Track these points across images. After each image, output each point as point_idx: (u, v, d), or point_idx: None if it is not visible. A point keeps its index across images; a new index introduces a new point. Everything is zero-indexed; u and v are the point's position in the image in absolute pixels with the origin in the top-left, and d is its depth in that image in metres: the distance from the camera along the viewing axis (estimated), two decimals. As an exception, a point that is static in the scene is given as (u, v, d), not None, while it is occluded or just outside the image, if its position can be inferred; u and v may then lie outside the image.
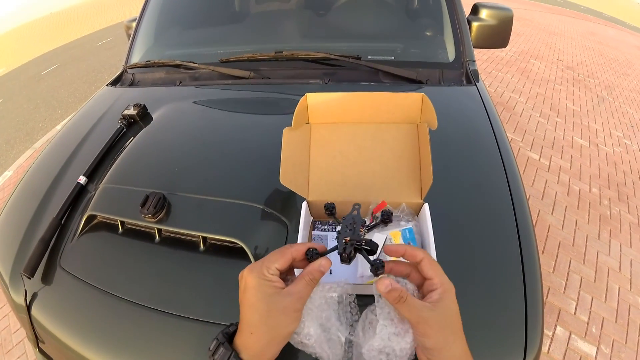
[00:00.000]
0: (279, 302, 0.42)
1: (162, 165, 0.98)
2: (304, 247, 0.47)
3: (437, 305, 0.42)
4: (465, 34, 1.33)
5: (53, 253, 0.85)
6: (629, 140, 3.54)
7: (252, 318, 0.43)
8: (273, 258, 0.45)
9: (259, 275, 0.43)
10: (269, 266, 0.44)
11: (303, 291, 0.44)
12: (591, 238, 2.32)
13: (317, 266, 0.45)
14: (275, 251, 0.47)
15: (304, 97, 0.64)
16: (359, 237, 0.48)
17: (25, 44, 11.92)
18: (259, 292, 0.43)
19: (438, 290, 0.43)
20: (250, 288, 0.43)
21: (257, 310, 0.42)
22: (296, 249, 0.47)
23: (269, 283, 0.43)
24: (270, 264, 0.44)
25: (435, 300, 0.43)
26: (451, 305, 0.43)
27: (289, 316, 0.43)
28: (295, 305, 0.43)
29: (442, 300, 0.43)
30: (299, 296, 0.43)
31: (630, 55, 6.70)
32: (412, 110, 0.64)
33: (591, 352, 1.72)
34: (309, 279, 0.44)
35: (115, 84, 1.47)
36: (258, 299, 0.43)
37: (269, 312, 0.42)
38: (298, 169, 0.65)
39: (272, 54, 1.27)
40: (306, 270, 0.45)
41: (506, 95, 3.89)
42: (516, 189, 0.84)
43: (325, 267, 0.45)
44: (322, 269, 0.45)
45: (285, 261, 0.45)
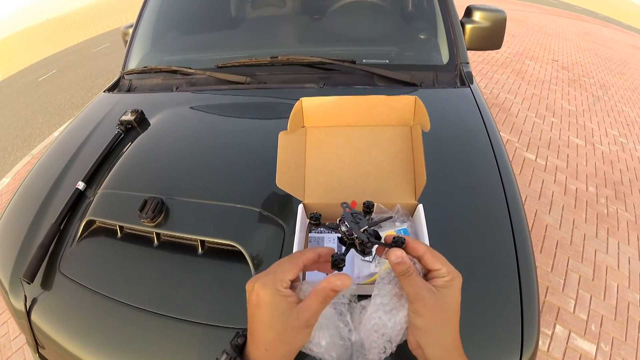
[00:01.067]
0: (295, 319, 0.41)
1: (160, 170, 0.99)
2: (315, 254, 0.46)
3: (439, 290, 0.42)
4: (459, 36, 1.34)
5: (52, 258, 0.85)
6: (625, 138, 3.56)
7: (268, 335, 0.42)
8: (285, 269, 0.44)
9: (274, 292, 0.42)
10: (282, 279, 0.43)
11: (316, 308, 0.42)
12: (589, 237, 2.33)
13: (333, 285, 0.42)
14: (286, 260, 0.45)
15: (299, 101, 0.65)
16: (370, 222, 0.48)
17: (22, 50, 11.92)
18: (275, 310, 0.41)
19: (445, 278, 0.43)
20: (264, 305, 0.42)
21: (273, 327, 0.41)
22: (307, 257, 0.46)
23: (284, 299, 0.42)
24: (283, 276, 0.43)
25: (438, 286, 0.43)
26: (453, 294, 0.43)
27: (304, 332, 0.42)
28: (309, 322, 0.42)
29: (445, 288, 0.43)
30: (312, 312, 0.42)
31: (625, 54, 6.74)
32: (405, 112, 0.65)
33: (591, 350, 1.73)
34: (322, 297, 0.42)
35: (113, 90, 1.48)
36: (274, 316, 0.41)
37: (285, 329, 0.41)
38: (294, 172, 0.66)
39: (267, 59, 1.28)
40: (320, 287, 0.42)
41: (502, 97, 3.91)
42: (510, 189, 0.85)
43: (340, 287, 0.42)
44: (337, 288, 0.42)
45: (298, 271, 0.44)
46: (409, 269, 0.43)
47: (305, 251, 0.47)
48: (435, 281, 0.43)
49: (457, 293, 0.44)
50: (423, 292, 0.42)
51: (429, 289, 0.43)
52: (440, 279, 0.43)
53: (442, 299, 0.42)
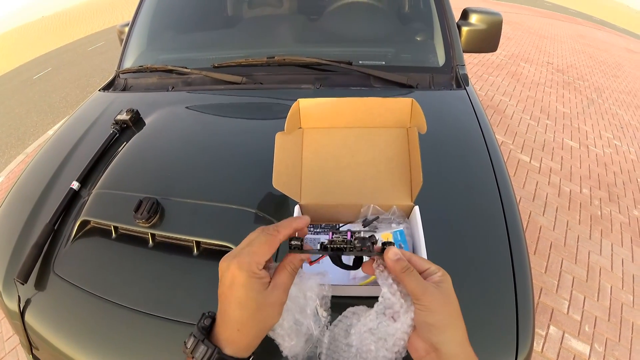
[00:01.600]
0: (268, 297, 0.41)
1: (155, 171, 0.98)
2: (290, 230, 0.45)
3: (439, 285, 0.42)
4: (455, 38, 1.35)
5: (46, 259, 0.85)
6: (619, 141, 3.59)
7: (241, 315, 0.41)
8: (261, 251, 0.42)
9: (250, 274, 0.41)
10: (259, 261, 0.42)
11: (287, 282, 0.43)
12: (582, 238, 2.35)
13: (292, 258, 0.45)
14: (262, 240, 0.43)
15: (296, 102, 0.65)
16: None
17: (17, 48, 11.83)
18: (249, 290, 0.40)
19: (438, 274, 0.43)
20: (239, 285, 0.41)
21: (246, 307, 0.41)
22: (284, 234, 0.45)
23: (259, 280, 0.41)
24: (260, 258, 0.42)
25: (436, 281, 0.42)
26: (451, 288, 0.43)
27: (276, 309, 0.42)
28: (282, 299, 0.43)
29: (443, 282, 0.42)
30: (284, 288, 0.43)
31: (620, 57, 6.80)
32: (402, 114, 0.65)
33: (585, 351, 1.74)
34: (290, 269, 0.44)
35: (108, 89, 1.47)
36: (248, 297, 0.40)
37: (258, 308, 0.41)
38: (290, 172, 0.66)
39: (264, 59, 1.28)
40: (287, 260, 0.44)
41: (497, 99, 3.93)
42: (506, 191, 0.85)
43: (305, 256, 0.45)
44: (302, 255, 0.45)
45: (273, 250, 0.43)
46: (408, 266, 0.42)
47: (281, 228, 0.45)
48: (431, 278, 0.43)
49: (452, 289, 0.43)
50: (429, 287, 0.41)
51: (433, 283, 0.42)
52: (435, 276, 0.43)
53: (445, 292, 0.42)
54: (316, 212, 0.68)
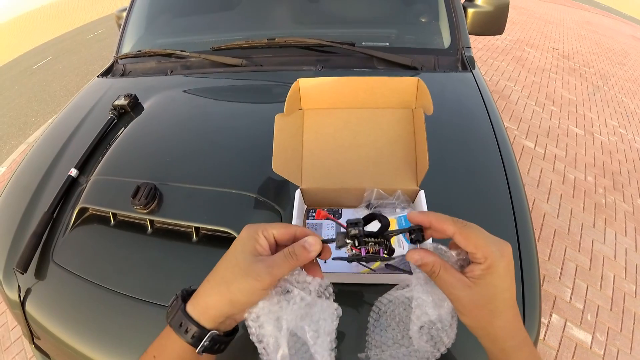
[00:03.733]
0: (248, 263, 0.38)
1: (153, 156, 0.97)
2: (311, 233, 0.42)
3: (476, 283, 0.37)
4: (461, 20, 1.32)
5: (46, 247, 0.84)
6: (624, 129, 3.54)
7: (217, 267, 0.40)
8: (275, 225, 0.41)
9: (250, 232, 0.40)
10: (266, 228, 0.40)
11: (278, 263, 0.38)
12: (586, 226, 2.33)
13: (302, 242, 0.39)
14: (280, 223, 0.43)
15: (297, 82, 0.63)
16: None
17: (16, 37, 11.73)
18: (239, 245, 0.39)
19: (481, 266, 0.37)
20: (237, 241, 0.40)
21: (225, 261, 0.39)
22: (302, 230, 0.42)
23: (253, 242, 0.39)
24: (269, 227, 0.40)
25: (475, 277, 0.37)
26: (495, 282, 0.37)
27: (249, 283, 0.37)
28: (260, 275, 0.37)
29: (483, 277, 0.37)
30: (269, 265, 0.37)
31: (626, 44, 6.68)
32: (407, 94, 0.63)
33: (586, 340, 1.73)
34: (287, 252, 0.39)
35: (106, 74, 1.45)
36: (235, 251, 0.39)
37: (234, 267, 0.38)
38: (291, 156, 0.64)
39: (264, 41, 1.25)
40: (293, 246, 0.39)
41: (501, 84, 3.88)
42: (513, 175, 0.83)
43: (312, 244, 0.39)
44: (307, 245, 0.39)
45: (286, 232, 0.41)
46: (433, 270, 0.38)
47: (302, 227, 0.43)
48: (471, 270, 0.37)
49: (501, 279, 0.37)
50: (456, 291, 0.37)
51: (463, 285, 0.37)
52: (476, 267, 0.37)
53: (481, 292, 0.37)
54: (318, 197, 0.66)
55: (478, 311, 0.37)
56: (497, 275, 0.37)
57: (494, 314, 0.37)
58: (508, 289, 0.38)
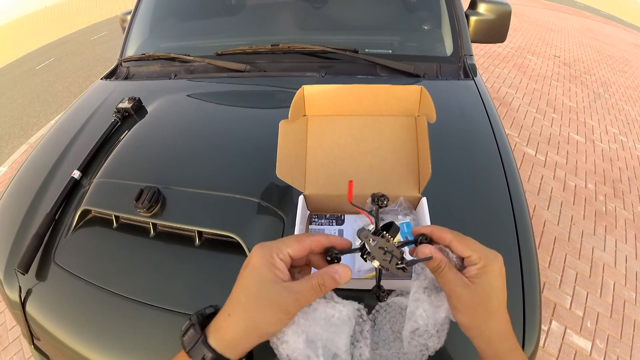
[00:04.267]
0: (273, 293, 0.36)
1: (156, 159, 0.97)
2: (326, 239, 0.42)
3: (473, 282, 0.40)
4: (463, 28, 1.32)
5: (47, 248, 0.84)
6: (625, 137, 3.55)
7: (237, 299, 0.38)
8: (288, 242, 0.40)
9: (265, 256, 0.38)
10: (280, 248, 0.39)
11: (305, 294, 0.37)
12: (587, 234, 2.33)
13: (333, 272, 0.39)
14: (292, 236, 0.41)
15: (301, 88, 0.63)
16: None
17: (20, 38, 11.77)
18: (256, 274, 0.37)
19: (477, 265, 0.40)
20: (250, 266, 0.38)
21: (245, 291, 0.37)
22: (316, 239, 0.41)
23: (272, 268, 0.38)
24: (283, 246, 0.39)
25: (472, 276, 0.40)
26: (490, 283, 0.40)
27: (276, 315, 0.36)
28: (288, 306, 0.37)
29: (480, 276, 0.40)
30: (297, 297, 0.37)
31: (627, 52, 6.70)
32: (410, 102, 0.63)
33: (586, 347, 1.73)
34: (317, 284, 0.38)
35: (110, 77, 1.46)
36: (253, 280, 0.37)
37: (257, 299, 0.36)
38: (294, 162, 0.64)
39: (268, 47, 1.26)
40: (320, 272, 0.39)
41: (503, 91, 3.89)
42: (514, 183, 0.84)
43: (342, 277, 0.39)
44: (338, 277, 0.39)
45: (301, 249, 0.40)
46: (440, 264, 0.41)
47: (316, 235, 0.42)
48: (468, 271, 0.41)
49: (495, 279, 0.40)
50: (457, 287, 0.40)
51: (463, 283, 0.40)
52: (473, 268, 0.40)
53: (478, 291, 0.39)
54: (320, 203, 0.66)
55: (475, 309, 0.40)
56: (492, 274, 0.40)
57: (489, 312, 0.40)
58: (502, 290, 0.41)
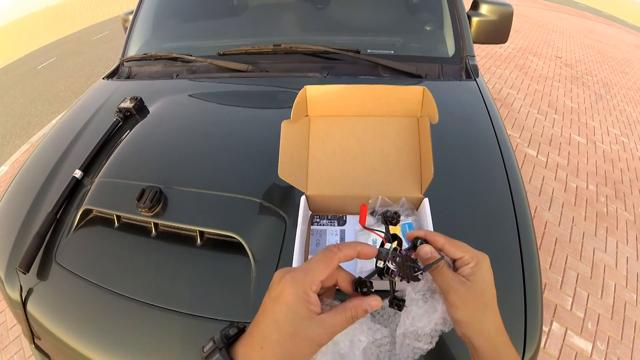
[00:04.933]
0: (308, 330, 0.37)
1: (158, 159, 0.97)
2: (353, 251, 0.41)
3: (469, 279, 0.43)
4: (465, 28, 1.32)
5: (48, 248, 0.84)
6: (627, 138, 3.55)
7: (271, 334, 0.37)
8: (317, 269, 0.39)
9: (300, 293, 0.37)
10: (313, 281, 0.38)
11: (339, 327, 0.38)
12: (588, 235, 2.32)
13: (365, 305, 0.39)
14: (320, 257, 0.40)
15: (303, 89, 0.63)
16: None
17: (22, 37, 11.80)
18: (291, 311, 0.37)
19: (470, 264, 0.44)
20: (284, 302, 0.37)
21: (280, 328, 0.37)
22: (345, 253, 0.40)
23: (307, 305, 0.37)
24: (315, 277, 0.38)
25: (467, 274, 0.43)
26: (484, 277, 0.44)
27: (311, 348, 0.37)
28: (322, 339, 0.37)
29: (474, 274, 0.43)
30: (331, 330, 0.38)
31: (629, 53, 6.70)
32: (412, 103, 0.63)
33: (587, 348, 1.73)
34: (350, 316, 0.38)
35: (112, 77, 1.46)
36: (287, 317, 0.37)
37: (292, 336, 0.37)
38: (297, 162, 0.64)
39: (270, 47, 1.26)
40: (351, 305, 0.39)
41: (504, 92, 3.89)
42: (515, 184, 0.84)
43: (374, 308, 0.40)
44: (370, 309, 0.39)
45: (331, 270, 0.40)
46: (439, 264, 0.44)
47: (342, 246, 0.41)
48: (462, 270, 0.44)
49: (487, 275, 0.44)
50: (455, 284, 0.43)
51: (459, 279, 0.43)
52: (466, 267, 0.44)
53: (474, 286, 0.43)
54: (323, 203, 0.66)
55: (473, 303, 0.43)
56: (484, 270, 0.44)
57: (487, 306, 0.43)
58: (492, 285, 0.44)
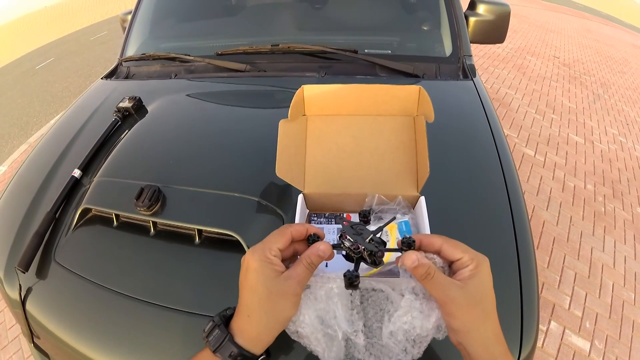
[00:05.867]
0: (279, 285, 0.41)
1: (157, 158, 0.97)
2: (303, 227, 0.47)
3: (467, 283, 0.40)
4: (462, 28, 1.33)
5: (47, 247, 0.84)
6: (624, 137, 3.56)
7: (252, 301, 0.42)
8: (273, 239, 0.44)
9: (261, 258, 0.42)
10: (270, 247, 0.43)
11: (302, 275, 0.42)
12: (585, 234, 2.33)
13: (316, 250, 0.44)
14: (274, 231, 0.46)
15: (301, 88, 0.64)
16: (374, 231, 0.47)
17: (20, 38, 11.78)
18: (260, 275, 0.41)
19: (470, 266, 0.41)
20: (252, 270, 0.42)
21: (256, 293, 0.41)
22: (295, 228, 0.46)
23: (270, 266, 0.42)
24: (271, 244, 0.43)
25: (466, 278, 0.40)
26: (483, 283, 0.41)
27: (289, 300, 0.42)
28: (294, 289, 0.42)
29: (473, 277, 0.40)
30: (298, 280, 0.42)
31: (626, 53, 6.72)
32: (409, 102, 0.63)
33: (585, 347, 1.73)
34: (307, 263, 0.43)
35: (110, 77, 1.46)
36: (259, 281, 0.41)
37: (268, 295, 0.41)
38: (294, 161, 0.64)
39: (268, 47, 1.26)
40: (305, 254, 0.44)
41: (502, 92, 3.90)
42: (512, 183, 0.84)
43: (324, 252, 0.44)
44: (321, 253, 0.44)
45: (285, 240, 0.45)
46: (429, 271, 0.40)
47: (294, 224, 0.47)
48: (460, 273, 0.41)
49: (487, 279, 0.41)
50: (451, 292, 0.39)
51: (457, 286, 0.40)
52: (465, 270, 0.41)
53: (473, 292, 0.40)
54: (320, 202, 0.67)
55: (471, 311, 0.40)
56: (484, 273, 0.41)
57: (486, 313, 0.40)
58: (492, 290, 0.42)
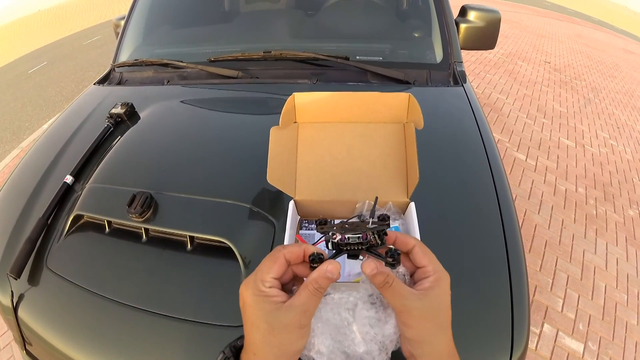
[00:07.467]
0: (281, 318, 0.38)
1: (149, 165, 0.97)
2: (299, 248, 0.42)
3: (425, 294, 0.39)
4: (453, 35, 1.35)
5: (39, 253, 0.84)
6: (615, 141, 3.61)
7: (254, 337, 0.39)
8: (266, 268, 0.40)
9: (254, 292, 0.39)
10: (263, 279, 0.39)
11: (308, 303, 0.39)
12: (577, 237, 2.36)
13: (323, 272, 0.39)
14: (266, 258, 0.41)
15: (292, 96, 0.64)
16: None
17: (12, 42, 11.70)
18: (257, 310, 0.38)
19: (430, 278, 0.40)
20: (248, 305, 0.39)
21: (258, 329, 0.38)
22: (289, 250, 0.41)
23: (266, 299, 0.38)
24: (264, 275, 0.39)
25: (425, 289, 0.39)
26: (442, 296, 0.40)
27: (294, 333, 0.38)
28: (300, 321, 0.38)
29: (432, 289, 0.39)
30: (303, 309, 0.38)
31: (617, 57, 6.82)
32: (399, 110, 0.64)
33: (578, 349, 1.75)
34: (313, 289, 0.39)
35: (103, 82, 1.46)
36: (257, 317, 0.38)
37: (271, 331, 0.38)
38: (285, 168, 0.65)
39: (260, 54, 1.27)
40: (311, 278, 0.39)
41: (493, 97, 3.94)
42: (502, 188, 0.85)
43: (332, 272, 0.39)
44: (329, 274, 0.39)
45: (280, 267, 0.40)
46: (387, 280, 0.39)
47: (287, 246, 0.42)
48: (421, 283, 0.40)
49: (446, 294, 0.40)
50: (408, 302, 0.38)
51: (415, 297, 0.39)
52: (426, 280, 0.40)
53: (430, 303, 0.39)
54: (311, 208, 0.67)
55: (426, 323, 0.39)
56: (443, 288, 0.40)
57: (441, 327, 0.40)
58: (449, 307, 0.41)
